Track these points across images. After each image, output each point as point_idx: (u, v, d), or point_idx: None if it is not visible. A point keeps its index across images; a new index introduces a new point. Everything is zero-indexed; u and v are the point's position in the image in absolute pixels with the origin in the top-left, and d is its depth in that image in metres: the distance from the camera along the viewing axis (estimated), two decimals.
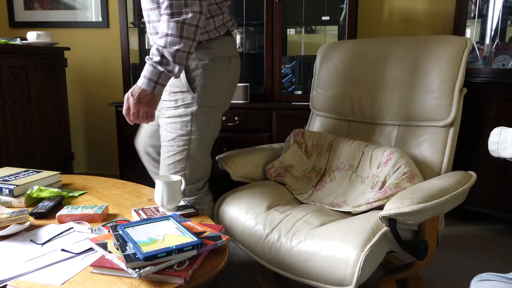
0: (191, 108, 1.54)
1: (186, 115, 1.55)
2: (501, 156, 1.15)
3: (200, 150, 1.61)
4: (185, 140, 1.58)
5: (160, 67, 1.34)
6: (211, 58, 1.52)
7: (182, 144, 1.58)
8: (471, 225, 2.44)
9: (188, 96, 1.53)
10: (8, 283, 0.93)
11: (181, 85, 1.53)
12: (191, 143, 1.58)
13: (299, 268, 1.35)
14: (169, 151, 1.60)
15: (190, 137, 1.57)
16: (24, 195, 1.41)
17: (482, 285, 0.96)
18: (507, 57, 2.39)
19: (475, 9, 2.59)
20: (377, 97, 1.82)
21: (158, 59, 1.33)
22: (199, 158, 1.62)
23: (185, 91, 1.53)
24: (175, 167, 1.60)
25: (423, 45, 1.70)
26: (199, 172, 1.65)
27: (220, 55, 1.55)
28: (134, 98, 1.37)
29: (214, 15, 1.51)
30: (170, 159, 1.60)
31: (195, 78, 1.51)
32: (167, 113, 1.59)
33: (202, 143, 1.61)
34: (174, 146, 1.59)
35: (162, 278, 0.93)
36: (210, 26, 1.50)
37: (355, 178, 1.71)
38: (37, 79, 2.39)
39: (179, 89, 1.54)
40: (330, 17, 2.53)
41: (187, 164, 1.60)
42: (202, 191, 1.69)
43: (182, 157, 1.59)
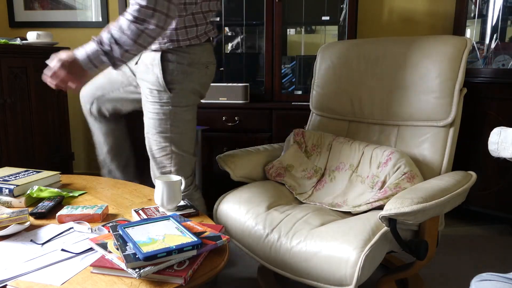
0: (167, 107, 1.59)
1: (164, 113, 1.60)
2: (501, 156, 1.15)
3: (182, 147, 1.65)
4: (165, 137, 1.63)
5: (104, 58, 1.38)
6: (189, 62, 1.57)
7: (163, 141, 1.63)
8: (471, 225, 2.44)
9: (164, 96, 1.58)
10: (8, 283, 0.93)
11: (158, 84, 1.56)
12: (171, 141, 1.63)
13: (299, 268, 1.35)
14: (154, 144, 1.65)
15: (169, 134, 1.62)
16: (24, 195, 1.41)
17: (482, 285, 0.96)
18: (507, 57, 2.39)
19: (475, 9, 2.59)
20: (377, 97, 1.82)
21: (107, 49, 1.36)
22: (183, 155, 1.67)
23: (162, 90, 1.57)
24: (161, 161, 1.66)
25: (423, 45, 1.70)
26: (185, 169, 1.69)
27: (199, 60, 1.59)
28: (65, 66, 1.38)
29: (199, 24, 1.56)
30: (156, 152, 1.66)
31: (172, 79, 1.56)
32: (148, 106, 1.63)
33: (182, 141, 1.65)
34: (157, 142, 1.64)
35: (162, 278, 0.93)
36: (192, 34, 1.55)
37: (355, 178, 1.71)
38: (37, 79, 2.39)
39: (156, 87, 1.57)
40: (330, 17, 2.53)
41: (172, 160, 1.65)
42: (191, 188, 1.73)
43: (165, 153, 1.65)
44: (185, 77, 1.57)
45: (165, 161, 1.66)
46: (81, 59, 1.38)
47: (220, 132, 2.48)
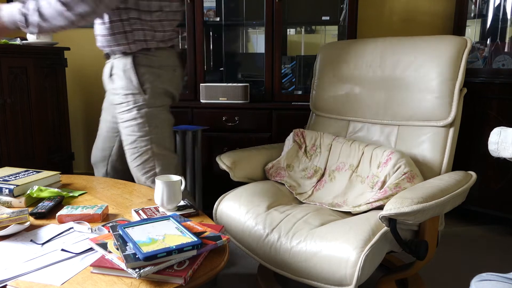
0: (144, 110, 1.67)
1: (142, 117, 1.67)
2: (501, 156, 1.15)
3: (163, 147, 1.72)
4: (146, 140, 1.69)
5: (21, 17, 1.51)
6: (158, 65, 1.69)
7: (145, 145, 1.69)
8: (471, 225, 2.44)
9: (140, 98, 1.66)
10: (8, 283, 0.93)
11: (133, 87, 1.65)
12: (152, 143, 1.69)
13: (299, 268, 1.35)
14: (134, 153, 1.70)
15: (150, 136, 1.68)
16: (24, 195, 1.41)
17: (482, 285, 0.96)
18: (507, 57, 2.39)
19: (475, 9, 2.59)
20: (377, 97, 1.82)
21: (33, 20, 1.49)
22: (165, 155, 1.73)
23: (137, 93, 1.66)
24: (144, 167, 1.71)
25: (423, 45, 1.70)
26: (169, 168, 1.74)
27: (167, 64, 1.73)
28: None
29: (166, 30, 1.70)
30: (137, 160, 1.71)
31: (145, 81, 1.66)
32: (123, 117, 1.70)
33: (163, 141, 1.72)
34: (137, 148, 1.69)
35: (162, 278, 0.93)
36: (158, 38, 1.69)
37: (355, 178, 1.71)
38: (37, 79, 2.39)
39: (131, 91, 1.66)
40: (330, 17, 2.53)
41: (155, 162, 1.71)
42: None
43: (148, 156, 1.70)
44: (156, 78, 1.68)
45: (148, 165, 1.70)
46: (7, 16, 1.53)
47: (220, 132, 2.48)
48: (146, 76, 1.67)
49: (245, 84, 2.50)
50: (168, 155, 1.75)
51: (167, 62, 1.74)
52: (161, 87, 1.70)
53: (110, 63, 1.74)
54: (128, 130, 1.70)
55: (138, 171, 1.72)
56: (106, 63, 1.78)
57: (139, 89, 1.66)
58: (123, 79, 1.67)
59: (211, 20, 2.68)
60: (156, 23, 1.67)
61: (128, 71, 1.66)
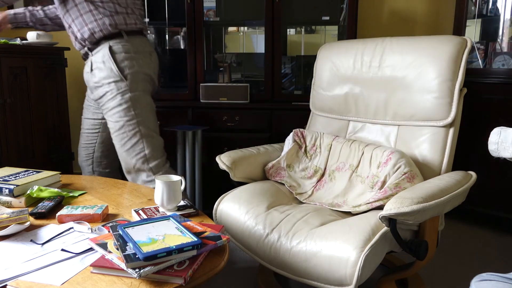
0: (127, 95, 1.79)
1: (126, 102, 1.79)
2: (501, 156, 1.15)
3: (150, 129, 1.85)
4: (133, 124, 1.80)
5: None
6: (134, 51, 1.82)
7: (132, 128, 1.80)
8: (471, 225, 2.44)
9: (122, 84, 1.79)
10: (8, 283, 0.93)
11: (114, 75, 1.78)
12: (139, 125, 1.81)
13: (299, 268, 1.35)
14: (123, 138, 1.81)
15: (136, 119, 1.80)
16: (24, 195, 1.41)
17: (482, 285, 0.96)
18: (507, 57, 2.39)
19: (475, 9, 2.59)
20: (377, 97, 1.82)
21: None
22: (152, 136, 1.86)
23: (119, 80, 1.78)
24: (134, 150, 1.82)
25: (423, 45, 1.70)
26: (158, 149, 1.88)
27: (143, 49, 1.86)
28: None
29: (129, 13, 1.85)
30: (127, 144, 1.82)
31: (124, 67, 1.79)
32: (108, 105, 1.81)
33: (149, 123, 1.85)
34: (126, 132, 1.81)
35: (162, 278, 0.93)
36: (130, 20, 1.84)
37: (355, 178, 1.71)
38: (37, 79, 2.39)
39: (113, 79, 1.78)
40: (330, 17, 2.53)
41: (144, 143, 1.83)
42: (167, 166, 1.90)
43: (137, 139, 1.81)
44: (134, 63, 1.81)
45: (138, 147, 1.82)
46: None
47: (220, 132, 2.48)
48: (125, 62, 1.79)
49: (245, 84, 2.50)
50: (155, 137, 1.86)
51: (142, 48, 1.86)
52: (140, 71, 1.82)
53: (89, 60, 1.84)
54: (115, 117, 1.80)
55: (128, 155, 1.82)
56: (86, 63, 1.89)
57: (120, 76, 1.78)
58: (103, 70, 1.78)
59: (211, 20, 2.68)
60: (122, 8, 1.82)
61: (107, 62, 1.77)
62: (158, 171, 1.88)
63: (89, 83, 1.89)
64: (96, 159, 2.07)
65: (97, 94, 1.85)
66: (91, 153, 2.07)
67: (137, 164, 1.83)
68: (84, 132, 2.07)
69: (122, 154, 1.85)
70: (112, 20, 1.79)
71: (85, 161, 2.09)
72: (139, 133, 1.81)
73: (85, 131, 2.07)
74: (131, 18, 1.85)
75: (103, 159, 2.09)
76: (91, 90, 1.91)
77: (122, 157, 1.86)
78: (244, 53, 2.85)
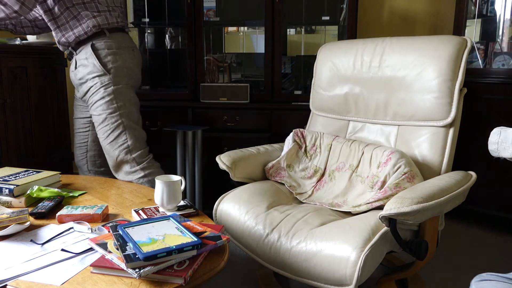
0: (110, 88, 1.84)
1: (109, 94, 1.84)
2: (501, 156, 1.15)
3: (133, 121, 1.89)
4: (116, 116, 1.85)
5: None
6: (117, 47, 1.87)
7: (115, 120, 1.85)
8: (471, 225, 2.44)
9: (105, 78, 1.84)
10: (8, 283, 0.93)
11: (97, 69, 1.83)
12: (122, 117, 1.86)
13: (299, 268, 1.35)
14: (106, 131, 1.86)
15: (119, 111, 1.85)
16: (24, 195, 1.41)
17: (482, 285, 0.96)
18: (507, 57, 2.39)
19: (475, 9, 2.59)
20: (377, 97, 1.82)
21: None
22: (135, 128, 1.91)
23: (102, 74, 1.83)
24: (117, 142, 1.86)
25: (423, 45, 1.70)
26: (141, 141, 1.93)
27: (125, 45, 1.91)
28: None
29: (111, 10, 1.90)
30: (110, 137, 1.86)
31: (107, 62, 1.84)
32: (92, 99, 1.87)
33: (131, 116, 1.89)
34: (109, 125, 1.85)
35: (162, 278, 0.93)
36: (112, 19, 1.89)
37: (355, 178, 1.71)
38: (37, 79, 2.39)
39: (96, 73, 1.83)
40: (330, 17, 2.53)
41: (127, 135, 1.87)
42: (151, 156, 1.97)
43: (120, 131, 1.85)
44: (118, 58, 1.86)
45: (121, 139, 1.86)
46: None
47: (220, 132, 2.48)
48: (108, 58, 1.84)
49: (245, 84, 2.50)
50: (138, 129, 1.91)
51: (125, 44, 1.91)
52: (123, 66, 1.87)
53: (74, 59, 1.90)
54: (98, 110, 1.85)
55: (111, 148, 1.87)
56: (71, 62, 1.95)
57: (103, 70, 1.83)
58: (87, 66, 1.84)
59: (211, 20, 2.68)
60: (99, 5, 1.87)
61: (90, 58, 1.83)
62: (141, 161, 1.92)
63: (74, 82, 1.95)
64: (90, 158, 2.11)
65: (82, 91, 1.91)
66: (84, 153, 2.11)
67: (120, 155, 1.87)
68: (77, 132, 2.13)
69: (106, 147, 1.90)
70: (95, 21, 1.83)
71: (80, 160, 2.14)
72: (121, 125, 1.86)
73: (77, 131, 2.13)
74: (113, 16, 1.90)
75: (97, 158, 2.12)
76: (77, 89, 1.98)
77: (106, 150, 1.91)
78: (244, 53, 2.85)
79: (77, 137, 2.13)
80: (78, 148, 2.14)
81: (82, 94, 1.91)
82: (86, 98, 1.91)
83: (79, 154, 2.13)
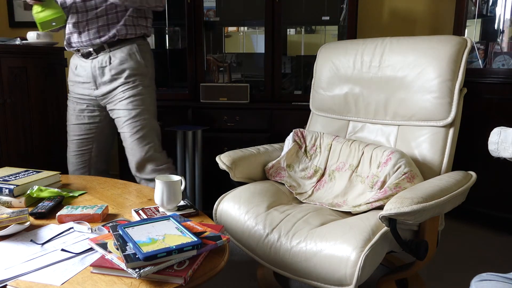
0: (147, 87, 1.93)
1: (144, 93, 1.91)
2: (501, 156, 1.15)
3: (156, 122, 1.97)
4: (148, 113, 1.91)
5: None
6: (150, 52, 1.99)
7: (146, 118, 1.91)
8: (471, 225, 2.44)
9: (145, 77, 1.92)
10: (8, 283, 0.93)
11: (140, 67, 1.90)
12: (152, 116, 1.94)
13: (299, 268, 1.35)
14: (135, 126, 1.89)
15: (150, 110, 1.93)
16: (24, 195, 1.41)
17: (482, 285, 0.96)
18: (507, 57, 2.39)
19: (475, 9, 2.59)
20: (377, 97, 1.82)
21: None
22: (158, 128, 1.98)
23: (142, 73, 1.90)
24: (145, 139, 1.91)
25: (423, 45, 1.70)
26: (160, 141, 1.99)
27: (150, 49, 2.01)
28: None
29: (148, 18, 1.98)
30: (139, 133, 1.90)
31: (147, 63, 1.94)
32: (124, 94, 1.89)
33: (155, 116, 1.97)
34: (140, 121, 1.90)
35: (162, 278, 0.93)
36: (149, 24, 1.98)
37: (355, 178, 1.71)
38: (37, 79, 2.39)
39: (137, 71, 1.89)
40: (330, 17, 2.53)
41: (155, 134, 1.95)
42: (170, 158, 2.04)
43: (149, 128, 1.92)
44: (152, 63, 1.98)
45: (150, 136, 1.92)
46: None
47: (220, 132, 2.48)
48: (148, 59, 1.94)
49: (245, 84, 2.50)
50: (159, 130, 2.00)
51: (150, 50, 2.00)
52: (152, 71, 1.98)
53: (101, 58, 1.89)
54: (132, 104, 1.88)
55: (139, 144, 1.90)
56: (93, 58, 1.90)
57: (145, 69, 1.91)
58: (129, 61, 1.88)
59: (211, 20, 2.68)
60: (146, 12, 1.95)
61: (134, 55, 1.88)
62: (168, 160, 2.00)
63: (100, 77, 1.91)
64: (95, 164, 2.06)
65: (111, 86, 1.90)
66: (87, 160, 2.04)
67: (149, 152, 1.92)
68: (76, 139, 2.03)
69: (132, 143, 1.91)
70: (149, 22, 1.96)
71: (80, 169, 2.05)
72: (150, 123, 1.92)
73: (76, 137, 2.03)
74: (149, 22, 1.99)
75: (99, 164, 2.08)
76: (98, 85, 1.93)
77: (132, 146, 1.92)
78: (244, 53, 2.85)
79: (76, 144, 2.03)
80: (79, 155, 2.04)
81: (109, 89, 1.90)
82: (113, 94, 1.90)
83: (80, 162, 2.04)
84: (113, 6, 1.83)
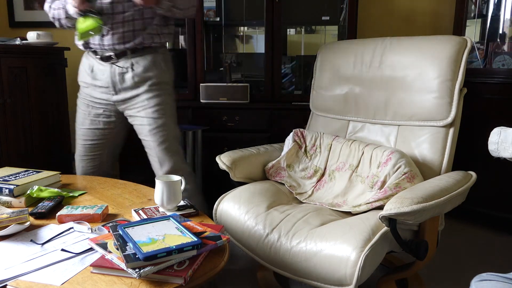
0: (171, 96, 1.89)
1: (168, 101, 1.86)
2: (501, 156, 1.15)
3: (178, 128, 1.93)
4: (174, 122, 1.89)
5: None
6: (171, 61, 1.93)
7: (169, 127, 1.86)
8: (471, 225, 2.44)
9: (169, 86, 1.88)
10: (8, 283, 0.93)
11: (165, 75, 1.85)
12: (176, 125, 1.90)
13: (299, 268, 1.35)
14: (163, 135, 1.84)
15: (173, 117, 1.88)
16: (24, 195, 1.41)
17: (482, 285, 0.96)
18: (507, 57, 2.39)
19: (475, 9, 2.59)
20: (377, 97, 1.82)
21: None
22: (179, 134, 1.95)
23: (167, 81, 1.86)
24: (171, 148, 1.86)
25: (423, 45, 1.70)
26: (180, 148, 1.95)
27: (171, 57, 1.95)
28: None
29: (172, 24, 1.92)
30: (166, 142, 1.85)
31: (170, 71, 1.89)
32: (149, 102, 1.83)
33: (176, 122, 1.92)
34: (166, 130, 1.84)
35: (162, 278, 0.93)
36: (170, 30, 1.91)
37: (355, 178, 1.71)
38: (37, 79, 2.39)
39: (163, 79, 1.84)
40: (330, 17, 2.53)
41: (177, 142, 1.91)
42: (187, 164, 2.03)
43: (172, 137, 1.87)
44: (173, 71, 1.92)
45: (175, 145, 1.88)
46: None
47: (220, 132, 2.48)
48: (170, 68, 1.89)
49: (245, 84, 2.50)
50: (179, 135, 1.96)
51: (171, 57, 1.94)
52: (173, 80, 1.93)
53: (122, 63, 1.80)
54: (157, 113, 1.83)
55: (167, 153, 1.85)
56: (108, 63, 1.81)
57: (168, 77, 1.87)
58: (153, 69, 1.82)
59: (211, 20, 2.68)
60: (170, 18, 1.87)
61: (159, 63, 1.83)
62: (190, 171, 1.97)
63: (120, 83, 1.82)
64: (105, 169, 2.00)
65: (135, 92, 1.82)
66: (97, 164, 1.98)
67: (177, 162, 1.88)
68: (87, 143, 1.94)
69: (159, 152, 1.85)
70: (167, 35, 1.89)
71: (90, 174, 1.99)
72: (174, 132, 1.89)
73: (88, 142, 1.94)
74: (171, 29, 1.94)
75: (109, 168, 2.02)
76: (118, 90, 1.84)
77: (159, 155, 1.86)
78: (244, 53, 2.85)
79: (87, 149, 1.95)
80: (89, 160, 1.96)
81: (131, 95, 1.82)
82: (136, 100, 1.83)
83: (90, 166, 1.97)
84: (141, 13, 1.75)
